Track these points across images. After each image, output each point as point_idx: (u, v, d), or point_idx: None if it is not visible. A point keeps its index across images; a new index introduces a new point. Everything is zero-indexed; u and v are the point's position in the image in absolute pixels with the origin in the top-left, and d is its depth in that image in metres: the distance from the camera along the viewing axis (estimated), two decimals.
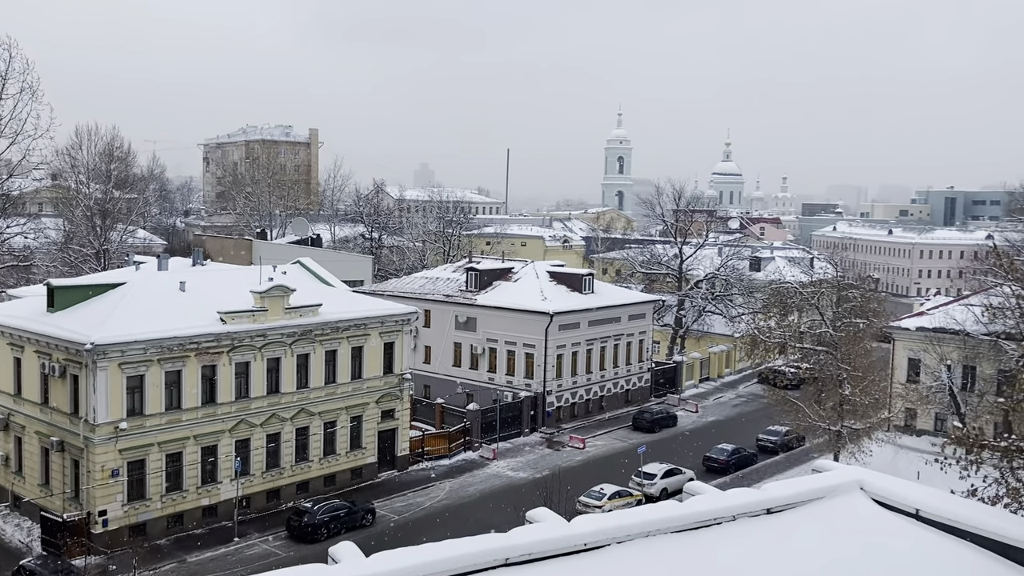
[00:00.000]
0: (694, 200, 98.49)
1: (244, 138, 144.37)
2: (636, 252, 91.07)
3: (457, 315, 59.84)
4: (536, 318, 56.30)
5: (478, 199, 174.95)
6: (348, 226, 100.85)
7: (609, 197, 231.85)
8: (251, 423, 40.95)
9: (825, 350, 48.40)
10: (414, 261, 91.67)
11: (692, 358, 72.40)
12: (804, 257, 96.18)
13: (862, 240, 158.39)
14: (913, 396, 52.26)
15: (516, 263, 65.14)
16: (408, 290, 62.59)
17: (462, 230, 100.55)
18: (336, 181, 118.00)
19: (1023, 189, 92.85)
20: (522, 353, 57.35)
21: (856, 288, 55.27)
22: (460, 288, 61.13)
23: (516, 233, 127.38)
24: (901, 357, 55.07)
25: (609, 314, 61.22)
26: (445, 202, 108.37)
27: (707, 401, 67.21)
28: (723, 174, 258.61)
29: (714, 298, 77.64)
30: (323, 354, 43.30)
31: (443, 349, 60.77)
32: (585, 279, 61.58)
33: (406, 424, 48.18)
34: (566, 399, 58.57)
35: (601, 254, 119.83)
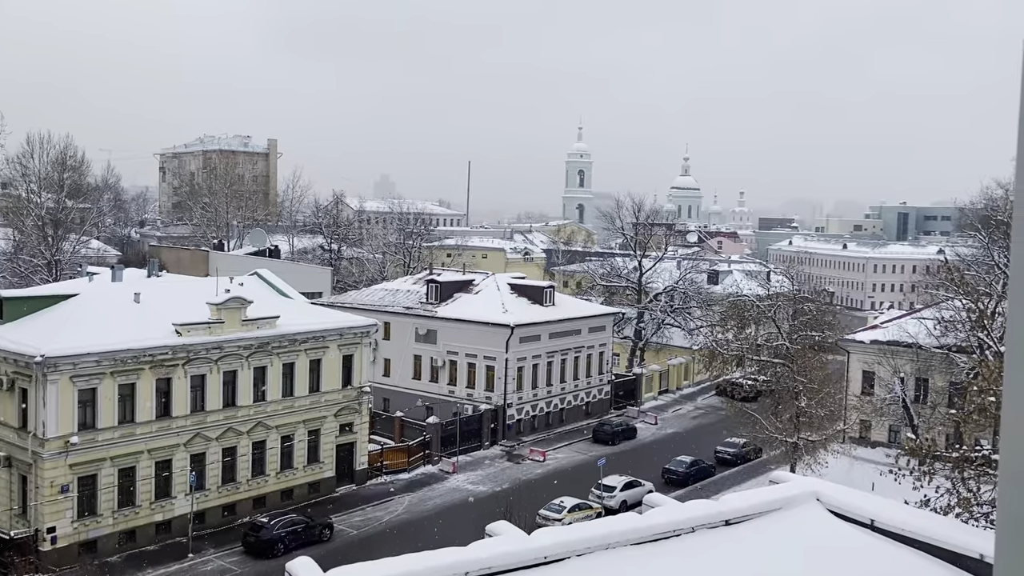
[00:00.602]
0: (653, 214, 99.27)
1: (202, 148, 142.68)
2: (596, 265, 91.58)
3: (417, 327, 59.59)
4: (497, 330, 56.26)
5: (439, 211, 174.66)
6: (307, 237, 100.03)
7: (570, 210, 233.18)
8: (207, 437, 40.32)
9: (782, 362, 48.99)
10: (374, 273, 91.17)
11: (651, 370, 72.84)
12: (761, 271, 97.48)
13: (817, 254, 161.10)
14: (868, 408, 53.14)
15: (477, 275, 65.09)
16: (368, 302, 62.19)
17: (423, 242, 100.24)
18: (295, 192, 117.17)
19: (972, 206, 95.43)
20: (483, 366, 57.24)
21: (812, 301, 56.12)
22: (420, 300, 60.90)
23: (477, 245, 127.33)
24: (856, 370, 55.98)
25: (570, 326, 61.39)
26: (406, 214, 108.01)
27: (666, 413, 67.62)
28: (682, 188, 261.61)
29: (673, 311, 78.30)
30: (280, 367, 42.83)
31: (403, 362, 60.43)
32: (546, 291, 61.72)
33: (365, 438, 47.79)
34: (526, 412, 58.54)
35: (562, 267, 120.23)
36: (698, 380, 77.02)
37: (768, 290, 68.03)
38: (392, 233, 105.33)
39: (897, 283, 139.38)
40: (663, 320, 77.50)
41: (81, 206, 74.16)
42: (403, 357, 60.41)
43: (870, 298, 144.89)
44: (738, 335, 54.89)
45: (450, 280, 62.47)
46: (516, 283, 63.31)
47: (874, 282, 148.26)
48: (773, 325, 52.93)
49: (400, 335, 60.31)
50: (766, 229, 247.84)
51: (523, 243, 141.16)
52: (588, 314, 64.36)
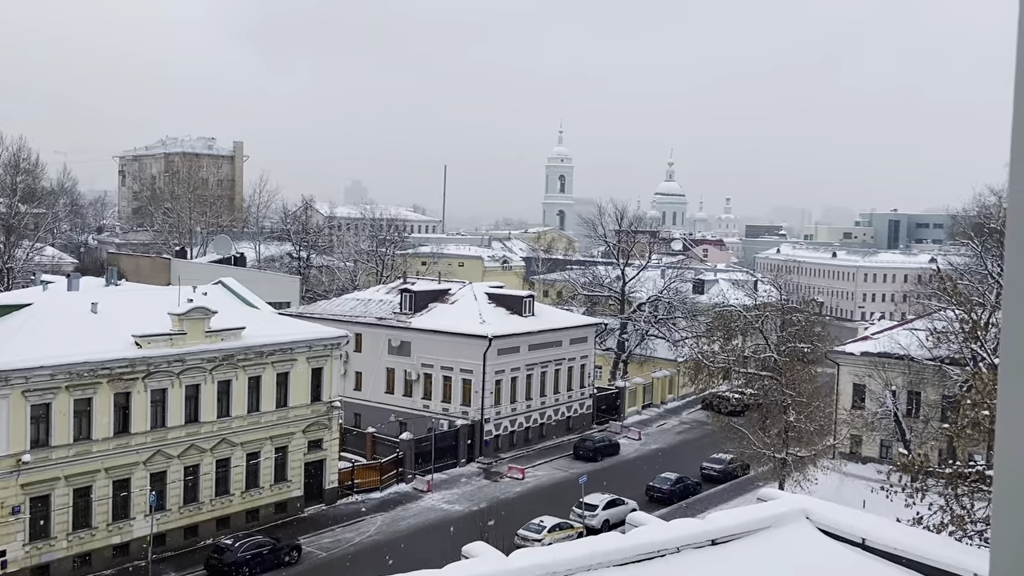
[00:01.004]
0: (637, 221, 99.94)
1: (163, 150, 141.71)
2: (578, 273, 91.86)
3: (390, 339, 59.43)
4: (474, 342, 56.22)
5: (413, 217, 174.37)
6: (274, 244, 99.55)
7: (550, 216, 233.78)
8: (168, 454, 39.94)
9: (769, 375, 49.29)
10: (345, 282, 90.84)
11: (635, 383, 73.04)
12: (748, 280, 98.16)
13: (806, 263, 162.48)
14: (858, 423, 53.53)
15: (453, 284, 65.06)
16: (338, 312, 61.96)
17: (396, 249, 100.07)
18: (262, 197, 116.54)
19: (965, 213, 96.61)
20: (459, 379, 57.15)
21: (800, 312, 56.56)
22: (394, 310, 60.77)
23: (453, 253, 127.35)
24: (846, 383, 56.42)
25: (550, 338, 61.46)
26: (378, 220, 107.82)
27: (650, 428, 67.76)
28: (666, 195, 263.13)
29: (657, 321, 78.62)
30: (246, 380, 42.55)
31: (375, 375, 60.22)
32: (525, 301, 61.79)
33: (335, 455, 47.54)
34: (505, 427, 58.47)
35: (542, 275, 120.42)
36: (683, 394, 77.25)
37: (755, 300, 68.56)
38: (364, 240, 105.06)
39: (888, 293, 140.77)
40: (647, 331, 77.79)
41: (35, 211, 73.42)
42: (375, 370, 60.19)
43: (860, 308, 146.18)
44: (724, 347, 55.16)
45: (425, 289, 62.37)
46: (494, 293, 63.32)
47: (864, 292, 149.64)
48: (761, 336, 53.25)
49: (372, 347, 60.09)
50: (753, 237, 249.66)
51: (501, 251, 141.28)
52: (569, 325, 64.45)
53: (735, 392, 60.17)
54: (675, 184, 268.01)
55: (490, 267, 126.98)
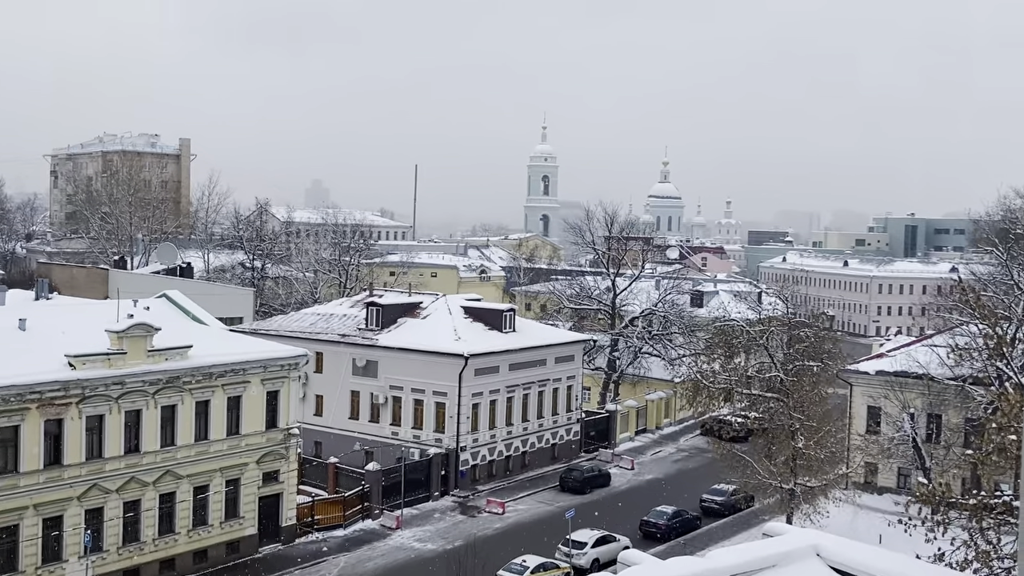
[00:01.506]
0: (628, 226, 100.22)
1: (101, 148, 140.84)
2: (563, 285, 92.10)
3: (355, 358, 59.33)
4: (448, 361, 56.21)
5: (381, 222, 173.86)
6: (225, 253, 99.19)
7: (533, 221, 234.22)
8: (105, 488, 39.62)
9: (775, 397, 49.58)
10: (304, 295, 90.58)
11: (627, 407, 73.21)
12: (751, 291, 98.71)
13: (815, 272, 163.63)
14: (873, 449, 53.89)
15: (425, 297, 65.09)
16: (296, 329, 61.81)
17: (361, 258, 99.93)
18: (211, 200, 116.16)
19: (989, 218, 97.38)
20: (431, 403, 57.10)
21: (809, 327, 56.88)
22: (359, 326, 60.68)
23: (425, 262, 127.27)
24: (859, 405, 56.81)
25: (533, 356, 61.52)
26: (342, 225, 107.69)
27: (644, 456, 67.89)
28: (660, 197, 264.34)
29: (651, 337, 78.89)
30: (193, 405, 42.32)
31: (338, 399, 60.04)
32: (505, 315, 61.87)
33: (293, 488, 47.33)
34: (483, 456, 58.42)
35: (524, 287, 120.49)
36: (681, 418, 77.43)
37: (759, 314, 68.90)
38: (325, 248, 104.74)
39: (905, 305, 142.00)
40: (640, 348, 78.03)
41: None
42: (338, 393, 60.02)
43: (875, 322, 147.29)
44: (726, 366, 55.40)
45: (393, 303, 62.35)
46: (471, 306, 63.38)
47: (879, 304, 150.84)
48: (766, 354, 53.55)
49: (335, 367, 59.93)
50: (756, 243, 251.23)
51: (479, 259, 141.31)
52: (554, 342, 64.56)
53: (738, 416, 60.34)
54: (670, 186, 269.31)
55: (466, 277, 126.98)
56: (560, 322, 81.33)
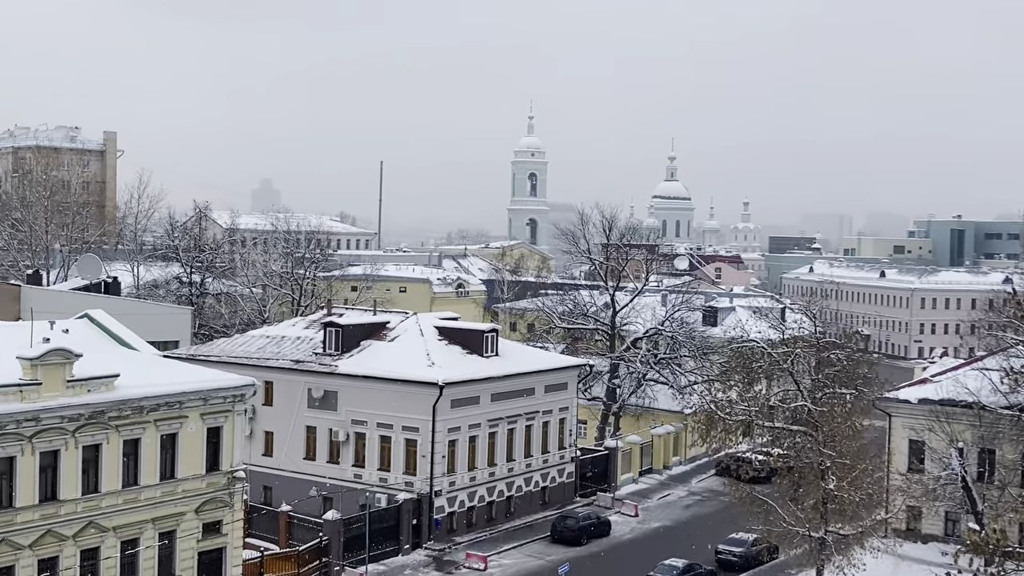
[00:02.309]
0: (630, 232, 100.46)
1: (12, 144, 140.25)
2: (555, 300, 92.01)
3: (311, 388, 59.15)
4: (420, 391, 56.08)
5: (341, 229, 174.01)
6: (158, 266, 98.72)
7: (518, 227, 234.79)
8: (15, 544, 39.28)
9: (803, 430, 49.65)
10: (251, 314, 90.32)
11: (630, 443, 73.20)
12: (773, 307, 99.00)
13: (847, 285, 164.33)
14: (916, 490, 53.98)
15: (393, 316, 64.98)
16: (242, 354, 61.63)
17: (318, 271, 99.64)
18: (141, 204, 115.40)
19: None
20: (401, 440, 56.96)
21: (841, 348, 57.04)
22: (315, 351, 60.52)
23: (393, 275, 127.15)
24: (900, 439, 56.95)
25: (519, 384, 61.44)
26: (295, 233, 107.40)
27: (650, 501, 67.88)
28: (667, 198, 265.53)
29: (658, 362, 78.95)
30: (120, 445, 42.03)
31: (291, 436, 59.84)
32: (486, 337, 61.79)
33: (239, 541, 47.05)
34: (461, 502, 58.28)
35: (508, 303, 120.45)
36: (692, 456, 77.46)
37: (783, 333, 69.09)
38: (276, 259, 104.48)
39: (951, 322, 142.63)
40: (645, 374, 78.07)
41: None
42: (291, 429, 59.81)
43: (917, 343, 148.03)
44: (744, 394, 55.46)
45: (356, 323, 62.23)
46: (446, 326, 63.32)
47: (921, 321, 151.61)
48: (791, 380, 53.66)
49: (287, 399, 59.75)
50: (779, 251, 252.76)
51: (455, 272, 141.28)
52: (544, 367, 64.50)
53: (759, 453, 60.42)
54: (678, 185, 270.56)
55: (441, 293, 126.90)
56: (551, 344, 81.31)
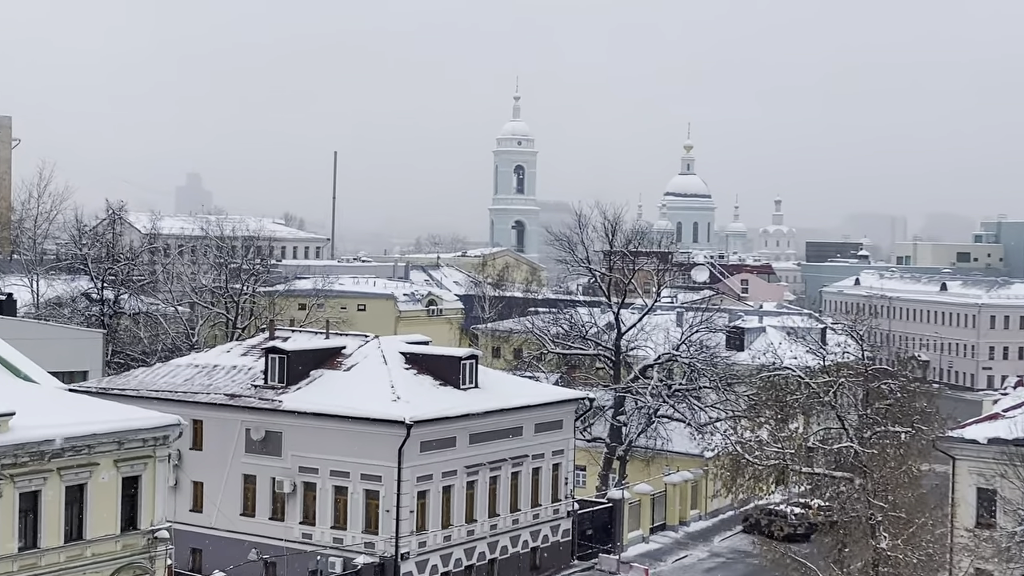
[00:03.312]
0: (637, 236, 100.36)
1: None
2: (547, 320, 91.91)
3: (249, 428, 58.81)
4: (383, 431, 55.85)
5: (286, 233, 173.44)
6: (63, 279, 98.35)
7: (502, 230, 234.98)
8: None
9: (848, 477, 49.58)
10: (176, 338, 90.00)
11: (638, 493, 73.11)
12: (811, 327, 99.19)
13: (900, 300, 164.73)
14: (987, 549, 53.91)
15: (350, 340, 64.73)
16: (166, 387, 61.26)
17: (258, 285, 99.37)
18: (42, 204, 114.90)
19: None
20: (359, 491, 56.73)
21: (894, 377, 57.03)
22: (255, 383, 60.24)
23: (350, 290, 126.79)
24: (966, 487, 56.85)
25: (504, 422, 61.22)
26: (229, 239, 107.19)
27: (663, 564, 67.74)
28: (682, 195, 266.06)
29: (672, 394, 78.85)
30: (16, 500, 41.75)
31: (225, 487, 59.54)
32: (464, 365, 61.55)
33: None
34: (434, 567, 58.04)
35: (490, 324, 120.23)
36: (715, 508, 77.38)
37: (823, 359, 68.98)
38: (207, 271, 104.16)
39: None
40: (656, 410, 77.96)
41: None
42: (225, 479, 59.51)
43: (986, 370, 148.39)
44: (778, 433, 55.40)
45: (305, 349, 61.96)
46: (415, 352, 63.10)
47: (991, 344, 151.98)
48: (833, 416, 53.64)
49: (220, 442, 59.46)
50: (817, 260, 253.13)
51: (426, 285, 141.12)
52: (534, 402, 64.23)
53: (795, 505, 60.35)
54: (695, 179, 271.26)
55: (408, 311, 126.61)
56: (542, 374, 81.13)
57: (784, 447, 54.21)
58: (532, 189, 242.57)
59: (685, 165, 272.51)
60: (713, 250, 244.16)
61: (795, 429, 56.21)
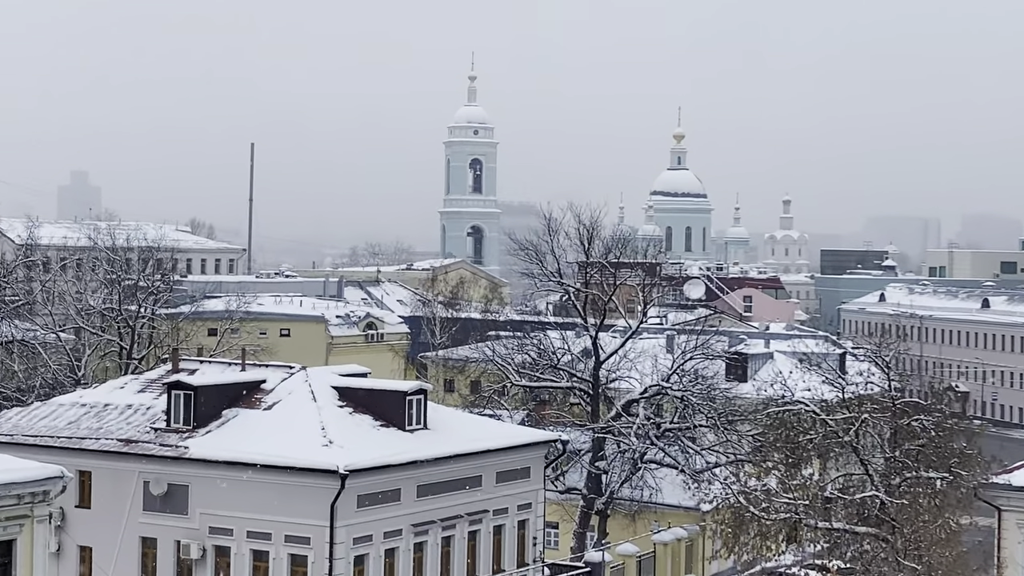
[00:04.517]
0: (619, 244, 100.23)
1: None
2: (510, 347, 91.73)
3: (148, 481, 58.37)
4: (312, 483, 55.60)
5: (193, 243, 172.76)
6: None
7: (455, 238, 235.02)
8: None
9: (874, 533, 49.66)
10: (59, 371, 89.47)
11: (622, 555, 73.15)
12: (828, 353, 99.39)
13: (934, 319, 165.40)
14: None
15: (272, 372, 64.47)
16: (46, 432, 60.88)
17: (159, 306, 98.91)
18: None
19: None
20: (283, 557, 56.43)
21: (927, 412, 57.25)
22: (155, 425, 59.84)
23: (271, 311, 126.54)
24: (1015, 543, 57.06)
25: (459, 471, 61.03)
26: (123, 250, 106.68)
27: None
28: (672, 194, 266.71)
29: (662, 435, 78.85)
30: None
31: (119, 552, 59.08)
32: (410, 402, 61.36)
33: None
34: None
35: (442, 351, 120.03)
36: (714, 572, 77.41)
37: (843, 392, 69.23)
38: (96, 290, 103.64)
39: None
40: (643, 454, 77.90)
41: None
42: (119, 543, 59.05)
43: None
44: (789, 481, 55.42)
45: (216, 384, 61.66)
46: (351, 386, 62.81)
47: None
48: (855, 460, 53.77)
49: (112, 498, 59.05)
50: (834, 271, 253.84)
51: (363, 305, 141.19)
52: (495, 446, 64.06)
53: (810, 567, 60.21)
54: (688, 175, 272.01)
55: (342, 337, 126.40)
56: (505, 412, 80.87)
57: (796, 498, 54.30)
58: (492, 188, 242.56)
59: (675, 158, 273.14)
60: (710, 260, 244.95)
61: (809, 476, 56.28)
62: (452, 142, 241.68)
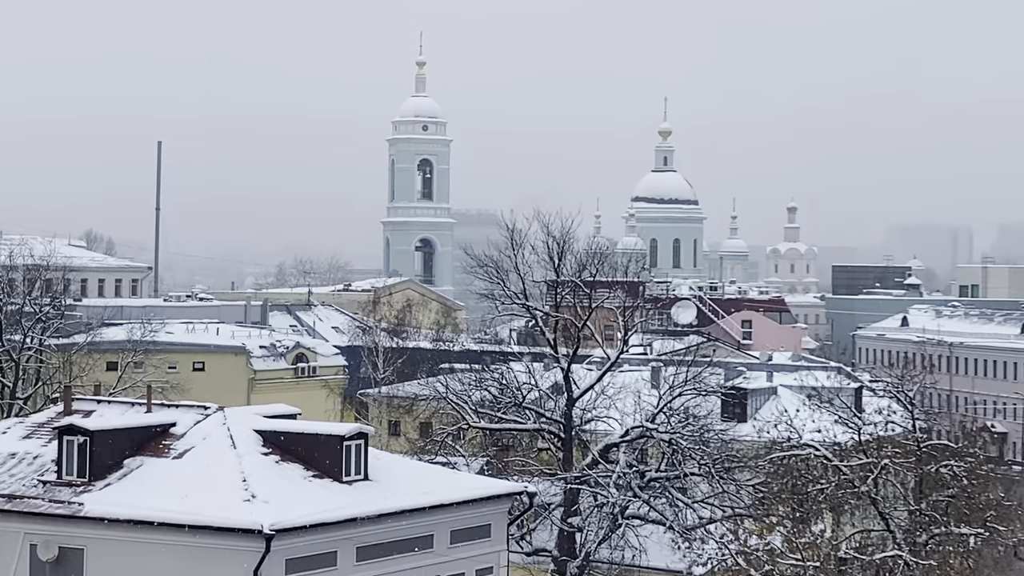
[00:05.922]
0: (595, 259, 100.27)
1: None
2: (467, 382, 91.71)
3: (36, 544, 58.06)
4: (231, 545, 55.37)
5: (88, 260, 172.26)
6: None
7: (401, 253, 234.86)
8: None
9: None
10: None
11: None
12: (841, 387, 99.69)
13: (965, 347, 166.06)
14: None
15: (183, 413, 64.31)
16: None
17: (48, 335, 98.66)
18: None
19: None
20: None
21: (958, 456, 57.49)
22: (43, 477, 59.63)
23: (183, 341, 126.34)
24: None
25: (406, 530, 60.91)
26: (6, 268, 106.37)
27: None
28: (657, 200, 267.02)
29: (647, 485, 78.95)
30: None
31: None
32: (348, 449, 61.33)
33: None
34: None
35: (385, 387, 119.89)
36: None
37: (859, 433, 69.50)
38: None
39: None
40: (624, 507, 77.96)
41: None
42: None
43: None
44: (796, 539, 55.62)
45: (117, 428, 61.44)
46: (277, 430, 62.73)
47: None
48: (874, 514, 53.96)
49: None
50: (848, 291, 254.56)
51: (292, 333, 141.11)
52: (449, 500, 64.06)
53: None
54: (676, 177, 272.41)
55: (267, 371, 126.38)
56: (461, 459, 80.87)
57: (805, 558, 54.46)
58: (444, 194, 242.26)
59: (661, 159, 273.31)
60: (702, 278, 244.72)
61: (820, 532, 56.47)
62: (397, 139, 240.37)
